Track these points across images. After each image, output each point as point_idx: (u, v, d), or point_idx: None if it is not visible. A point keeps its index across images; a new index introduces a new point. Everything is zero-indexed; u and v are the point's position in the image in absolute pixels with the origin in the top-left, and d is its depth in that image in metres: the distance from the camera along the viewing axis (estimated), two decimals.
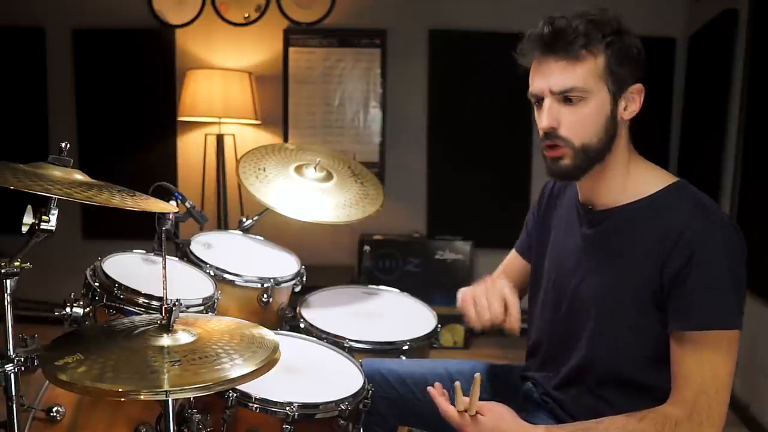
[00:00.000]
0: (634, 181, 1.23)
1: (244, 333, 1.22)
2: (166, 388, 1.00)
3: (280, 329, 1.80)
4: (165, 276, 1.18)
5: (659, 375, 1.18)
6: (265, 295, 1.76)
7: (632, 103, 1.20)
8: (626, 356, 1.22)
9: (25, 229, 1.14)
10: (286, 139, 4.10)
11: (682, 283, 1.12)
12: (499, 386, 1.52)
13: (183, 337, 1.14)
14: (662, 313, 1.17)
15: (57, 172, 1.22)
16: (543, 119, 1.18)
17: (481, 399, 1.43)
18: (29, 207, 1.15)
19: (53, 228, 1.15)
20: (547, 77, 1.18)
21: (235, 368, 1.06)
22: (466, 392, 1.26)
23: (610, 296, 1.22)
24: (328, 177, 2.00)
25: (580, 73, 1.15)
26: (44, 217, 1.14)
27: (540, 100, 1.21)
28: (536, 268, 1.48)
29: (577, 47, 1.14)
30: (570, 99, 1.16)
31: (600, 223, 1.27)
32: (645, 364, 1.20)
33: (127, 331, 1.17)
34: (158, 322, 1.16)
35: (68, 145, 1.26)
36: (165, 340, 1.12)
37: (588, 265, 1.28)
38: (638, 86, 1.19)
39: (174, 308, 1.14)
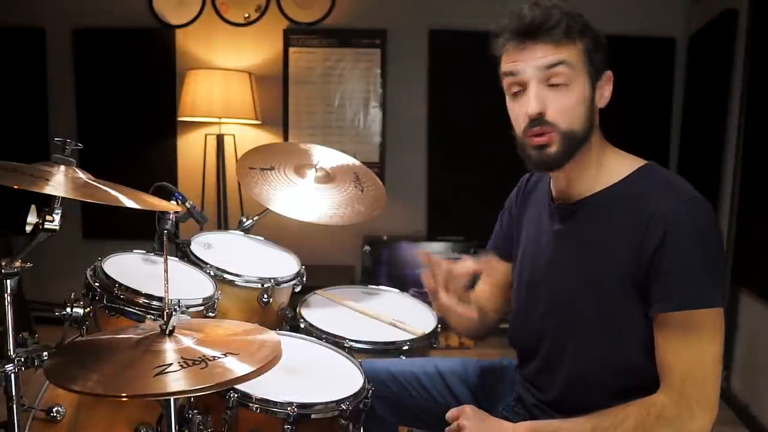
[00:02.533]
0: (606, 169, 1.23)
1: (246, 338, 1.22)
2: (168, 390, 1.00)
3: (280, 329, 1.80)
4: (167, 279, 1.18)
5: (654, 368, 1.17)
6: (265, 295, 1.76)
7: (606, 91, 1.22)
8: (618, 352, 1.20)
9: (29, 228, 1.15)
10: (286, 139, 4.10)
11: (659, 264, 1.11)
12: (493, 385, 1.53)
13: (184, 341, 1.14)
14: (646, 303, 1.15)
15: (60, 172, 1.23)
16: (531, 103, 1.16)
17: (476, 398, 1.43)
18: (33, 207, 1.15)
19: (57, 227, 1.15)
20: (534, 59, 1.17)
21: (235, 370, 1.06)
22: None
23: (590, 290, 1.21)
24: (329, 177, 2.00)
25: (566, 52, 1.15)
26: (48, 217, 1.14)
27: (522, 86, 1.20)
28: (513, 268, 1.47)
29: (559, 32, 1.14)
30: (555, 84, 1.16)
31: (572, 216, 1.26)
32: (639, 359, 1.18)
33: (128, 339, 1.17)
34: (159, 327, 1.16)
35: (72, 144, 1.26)
36: (166, 344, 1.12)
37: (562, 260, 1.27)
38: (608, 73, 1.21)
39: (174, 313, 1.14)
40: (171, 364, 1.06)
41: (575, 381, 1.26)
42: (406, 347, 1.75)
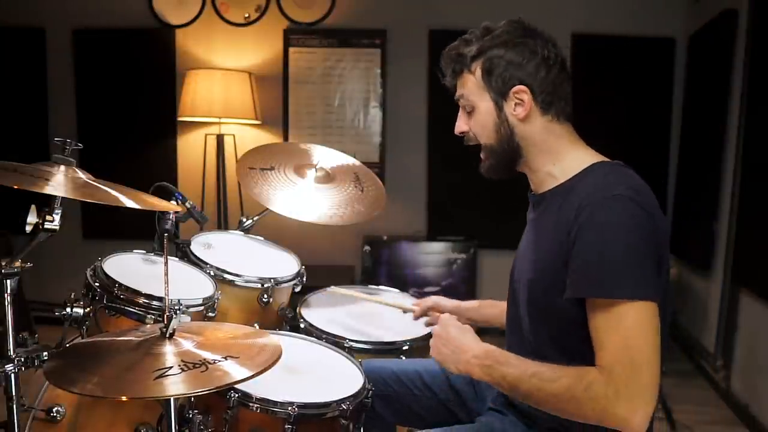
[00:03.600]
0: (562, 167, 1.31)
1: (247, 342, 1.22)
2: (168, 393, 1.00)
3: (280, 329, 1.80)
4: (167, 281, 1.18)
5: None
6: (265, 295, 1.76)
7: (520, 104, 1.29)
8: (564, 338, 1.24)
9: (29, 228, 1.14)
10: (286, 139, 4.10)
11: (575, 251, 1.17)
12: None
13: (185, 344, 1.14)
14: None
15: (60, 172, 1.23)
16: (456, 125, 1.40)
17: (478, 396, 1.44)
18: (33, 207, 1.15)
19: (57, 227, 1.15)
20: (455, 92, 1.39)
21: (235, 373, 1.07)
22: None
23: (535, 276, 1.29)
24: (329, 177, 2.00)
25: (462, 86, 1.36)
26: (48, 217, 1.14)
27: None
28: None
29: (458, 67, 1.35)
30: (467, 110, 1.36)
31: (536, 207, 1.37)
32: (580, 346, 1.20)
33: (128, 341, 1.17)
34: (159, 330, 1.16)
35: (72, 144, 1.26)
36: (166, 347, 1.12)
37: (525, 248, 1.38)
38: (519, 87, 1.29)
39: (174, 315, 1.14)
40: (171, 367, 1.06)
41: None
42: (405, 347, 1.75)
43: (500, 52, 1.29)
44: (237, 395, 1.34)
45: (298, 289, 1.91)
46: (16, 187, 1.07)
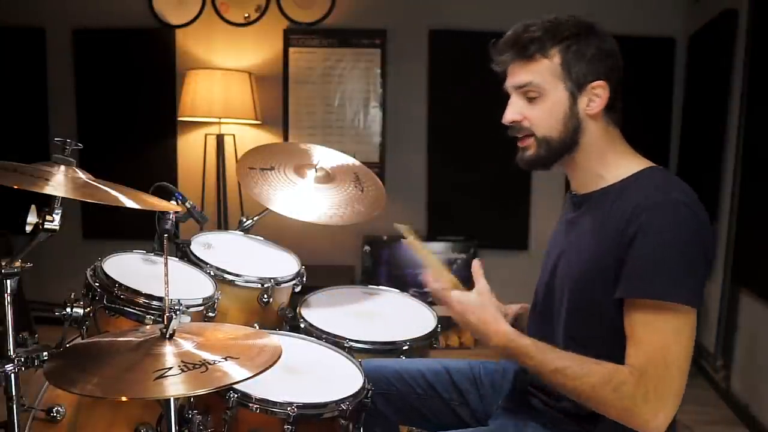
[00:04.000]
0: (611, 169, 1.29)
1: (247, 342, 1.22)
2: (168, 393, 1.00)
3: (280, 329, 1.79)
4: (167, 282, 1.18)
5: None
6: (265, 295, 1.76)
7: (595, 99, 1.26)
8: (601, 334, 1.23)
9: (29, 228, 1.14)
10: (286, 139, 4.10)
11: (631, 250, 1.16)
12: (498, 385, 1.53)
13: (185, 345, 1.14)
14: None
15: (60, 172, 1.23)
16: (506, 113, 1.31)
17: (480, 396, 1.44)
18: (33, 207, 1.15)
19: (57, 227, 1.15)
20: (510, 76, 1.31)
21: (235, 374, 1.07)
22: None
23: (579, 276, 1.26)
24: (329, 177, 2.00)
25: (534, 72, 1.26)
26: (48, 217, 1.14)
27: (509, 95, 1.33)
28: None
29: (531, 51, 1.25)
30: (530, 97, 1.28)
31: (579, 207, 1.34)
32: (619, 346, 1.19)
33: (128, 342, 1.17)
34: (159, 331, 1.16)
35: (72, 144, 1.26)
36: (166, 348, 1.12)
37: (566, 247, 1.34)
38: (600, 83, 1.25)
39: (174, 316, 1.14)
40: (171, 367, 1.06)
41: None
42: (406, 347, 1.75)
43: (587, 41, 1.25)
44: (236, 395, 1.34)
45: (298, 289, 1.91)
46: (16, 187, 1.07)
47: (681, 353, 1.12)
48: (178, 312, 1.16)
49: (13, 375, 1.22)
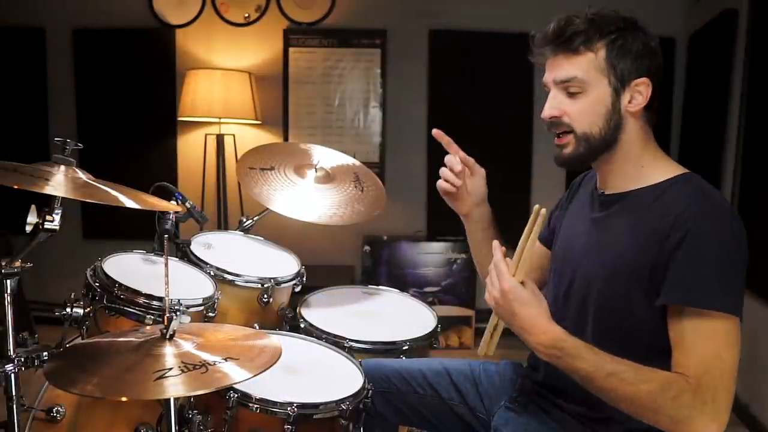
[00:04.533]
0: (646, 171, 1.27)
1: (247, 343, 1.22)
2: (168, 394, 1.00)
3: (280, 329, 1.79)
4: (167, 282, 1.18)
5: (662, 365, 1.16)
6: (265, 295, 1.76)
7: (638, 96, 1.24)
8: (628, 338, 1.21)
9: (29, 228, 1.14)
10: (286, 139, 4.10)
11: (677, 257, 1.14)
12: (498, 385, 1.53)
13: (185, 345, 1.14)
14: (656, 294, 1.17)
15: (60, 172, 1.23)
16: (545, 108, 1.27)
17: (480, 397, 1.43)
18: (33, 207, 1.15)
19: (57, 227, 1.15)
20: (551, 70, 1.26)
21: (235, 375, 1.07)
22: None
23: (611, 275, 1.24)
24: (329, 177, 2.00)
25: (578, 66, 1.22)
26: (48, 217, 1.14)
27: (549, 90, 1.29)
28: (551, 258, 1.50)
29: (576, 44, 1.21)
30: (571, 92, 1.24)
31: (609, 207, 1.30)
32: (645, 350, 1.18)
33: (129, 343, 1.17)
34: (159, 331, 1.16)
35: (72, 144, 1.26)
36: (166, 348, 1.12)
37: (593, 246, 1.31)
38: (643, 80, 1.23)
39: (174, 317, 1.13)
40: (171, 368, 1.06)
41: None
42: (406, 347, 1.75)
43: (634, 36, 1.23)
44: (236, 395, 1.34)
45: (298, 289, 1.91)
46: (16, 187, 1.07)
47: (732, 363, 1.11)
48: (178, 312, 1.15)
49: (13, 375, 1.22)
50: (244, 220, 2.06)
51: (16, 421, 1.24)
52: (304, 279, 1.91)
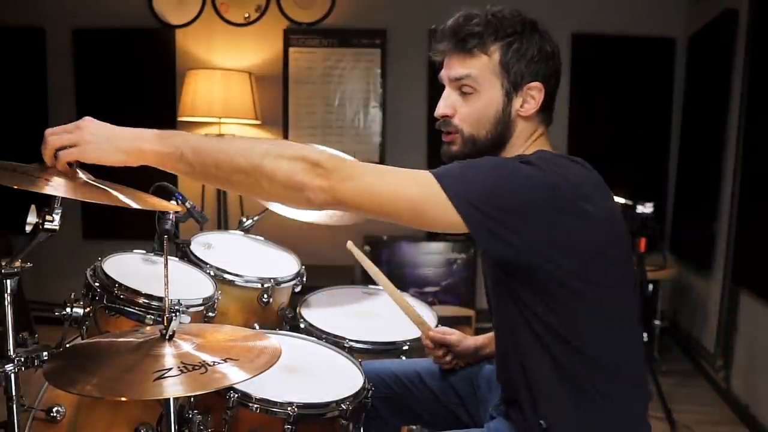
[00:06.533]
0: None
1: (246, 344, 1.22)
2: (168, 394, 1.00)
3: (280, 329, 1.79)
4: (167, 283, 1.18)
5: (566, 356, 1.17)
6: (265, 295, 1.76)
7: (530, 101, 1.23)
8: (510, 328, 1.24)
9: (29, 228, 1.14)
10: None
11: None
12: (491, 385, 1.53)
13: (184, 346, 1.14)
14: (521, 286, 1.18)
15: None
16: (438, 107, 1.27)
17: (478, 397, 1.42)
18: (33, 207, 1.15)
19: (57, 227, 1.15)
20: (447, 68, 1.26)
21: (235, 376, 1.07)
22: None
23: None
24: None
25: (472, 67, 1.22)
26: (48, 217, 1.14)
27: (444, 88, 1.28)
28: None
29: (471, 45, 1.21)
30: (465, 91, 1.23)
31: None
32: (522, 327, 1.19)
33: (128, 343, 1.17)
34: (159, 332, 1.16)
35: None
36: (166, 349, 1.12)
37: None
38: (537, 84, 1.22)
39: (174, 317, 1.13)
40: (171, 368, 1.06)
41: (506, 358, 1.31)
42: (406, 347, 1.75)
43: (530, 40, 1.21)
44: (237, 395, 1.34)
45: (298, 289, 1.91)
46: (16, 187, 1.07)
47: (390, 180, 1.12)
48: (178, 312, 1.15)
49: (13, 375, 1.22)
50: (244, 220, 2.06)
51: (16, 421, 1.23)
52: (304, 279, 1.91)
